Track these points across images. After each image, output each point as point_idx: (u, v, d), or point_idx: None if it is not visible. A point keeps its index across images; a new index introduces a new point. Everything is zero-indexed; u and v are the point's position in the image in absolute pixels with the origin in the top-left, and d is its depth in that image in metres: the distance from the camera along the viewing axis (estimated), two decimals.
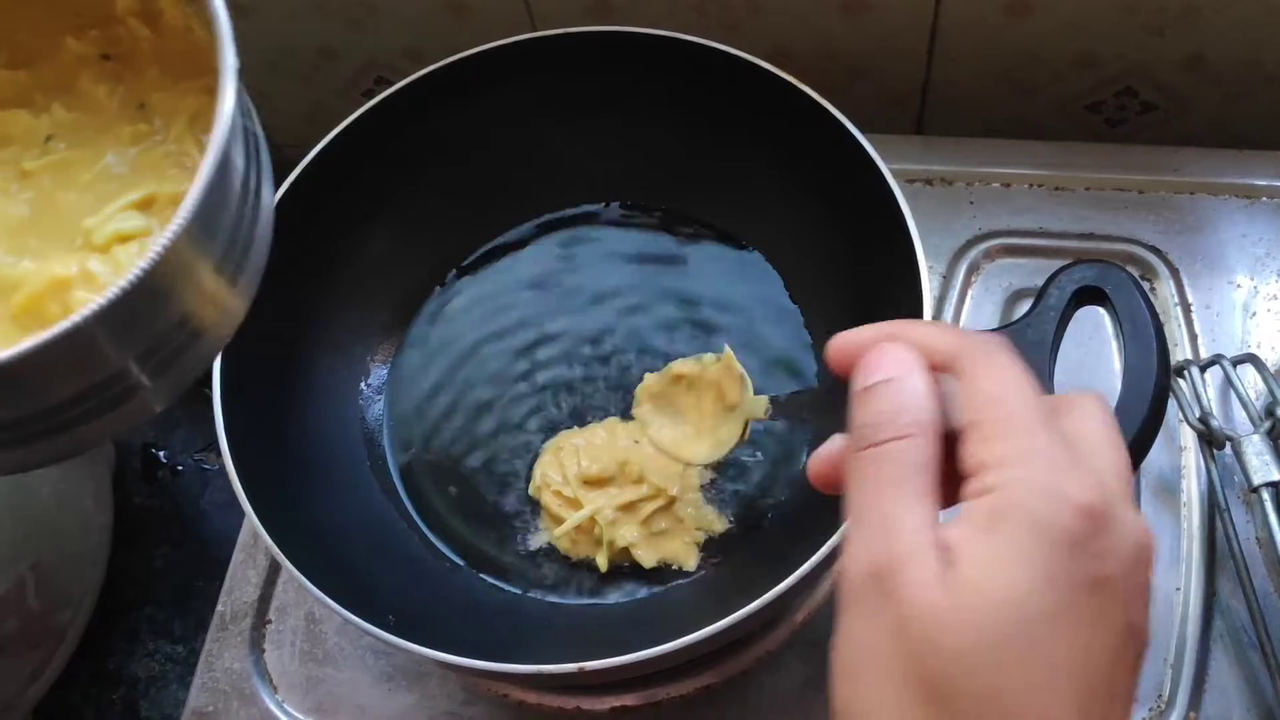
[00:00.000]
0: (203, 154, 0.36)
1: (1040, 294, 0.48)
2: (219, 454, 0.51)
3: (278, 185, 0.56)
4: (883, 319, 0.54)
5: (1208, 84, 0.69)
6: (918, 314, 0.49)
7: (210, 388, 0.52)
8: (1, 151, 0.43)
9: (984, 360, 0.31)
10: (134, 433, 0.74)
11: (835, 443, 0.35)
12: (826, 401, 0.58)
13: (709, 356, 0.54)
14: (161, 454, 0.74)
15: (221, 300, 0.36)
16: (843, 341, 0.34)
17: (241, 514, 0.64)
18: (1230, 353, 0.58)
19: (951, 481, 0.31)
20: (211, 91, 0.40)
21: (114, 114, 0.44)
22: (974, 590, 0.27)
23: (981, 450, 0.30)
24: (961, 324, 0.63)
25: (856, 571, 0.29)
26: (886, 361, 0.32)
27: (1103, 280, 0.47)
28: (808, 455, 0.57)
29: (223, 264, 0.35)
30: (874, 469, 0.30)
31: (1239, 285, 0.62)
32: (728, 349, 0.53)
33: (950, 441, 0.31)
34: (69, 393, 0.33)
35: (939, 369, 0.32)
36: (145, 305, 0.32)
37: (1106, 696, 0.28)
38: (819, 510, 0.53)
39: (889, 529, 0.29)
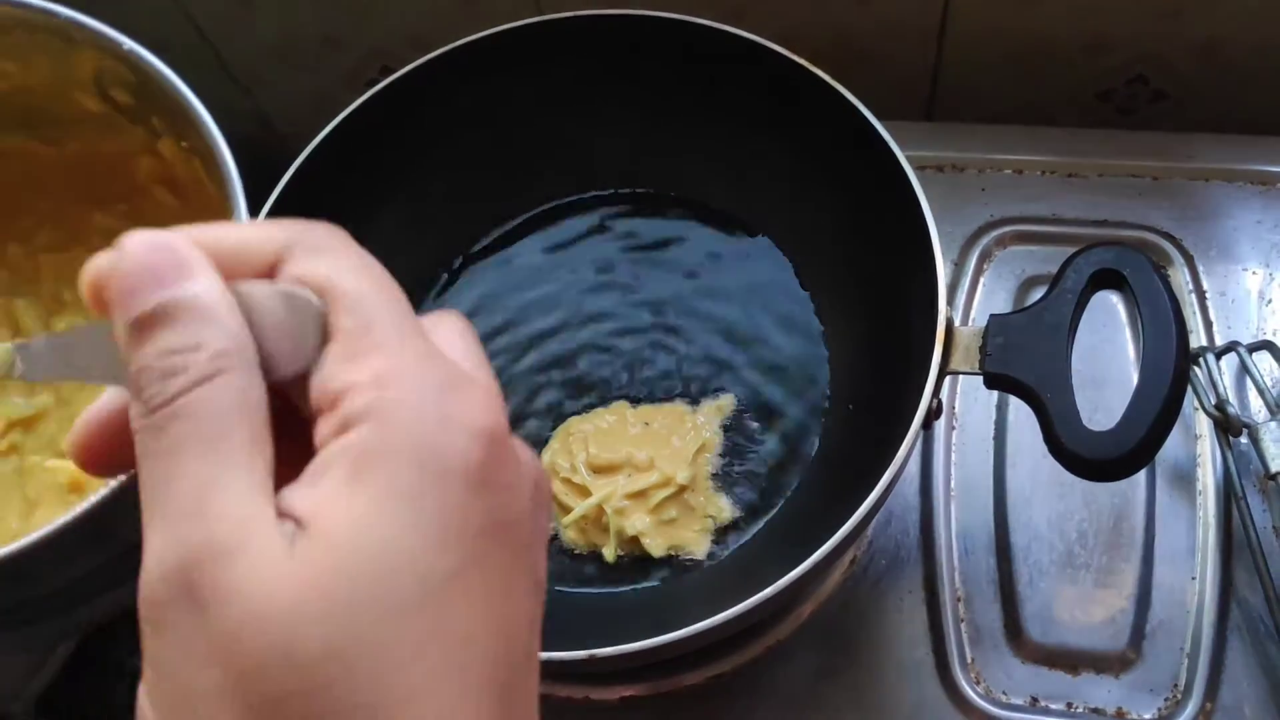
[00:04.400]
0: None
1: (1057, 277, 0.47)
2: None
3: (281, 175, 0.56)
4: (896, 305, 0.54)
5: (1221, 71, 0.68)
6: (933, 300, 0.48)
7: None
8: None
9: (327, 252, 0.23)
10: None
11: (111, 400, 0.24)
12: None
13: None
14: None
15: None
16: (102, 266, 0.23)
17: None
18: (1245, 340, 0.57)
19: (299, 442, 0.22)
20: None
21: None
22: (344, 559, 0.20)
23: (341, 371, 0.22)
24: (973, 313, 0.62)
25: (160, 578, 0.20)
26: (161, 270, 0.22)
27: (1120, 263, 0.46)
28: (819, 442, 0.57)
29: None
30: (173, 432, 0.21)
31: (1254, 272, 0.61)
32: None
33: (283, 392, 0.23)
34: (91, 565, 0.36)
35: (261, 274, 0.23)
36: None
37: (526, 670, 0.23)
38: (831, 498, 0.53)
39: (203, 509, 0.20)
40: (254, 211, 0.54)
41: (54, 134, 0.48)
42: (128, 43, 0.43)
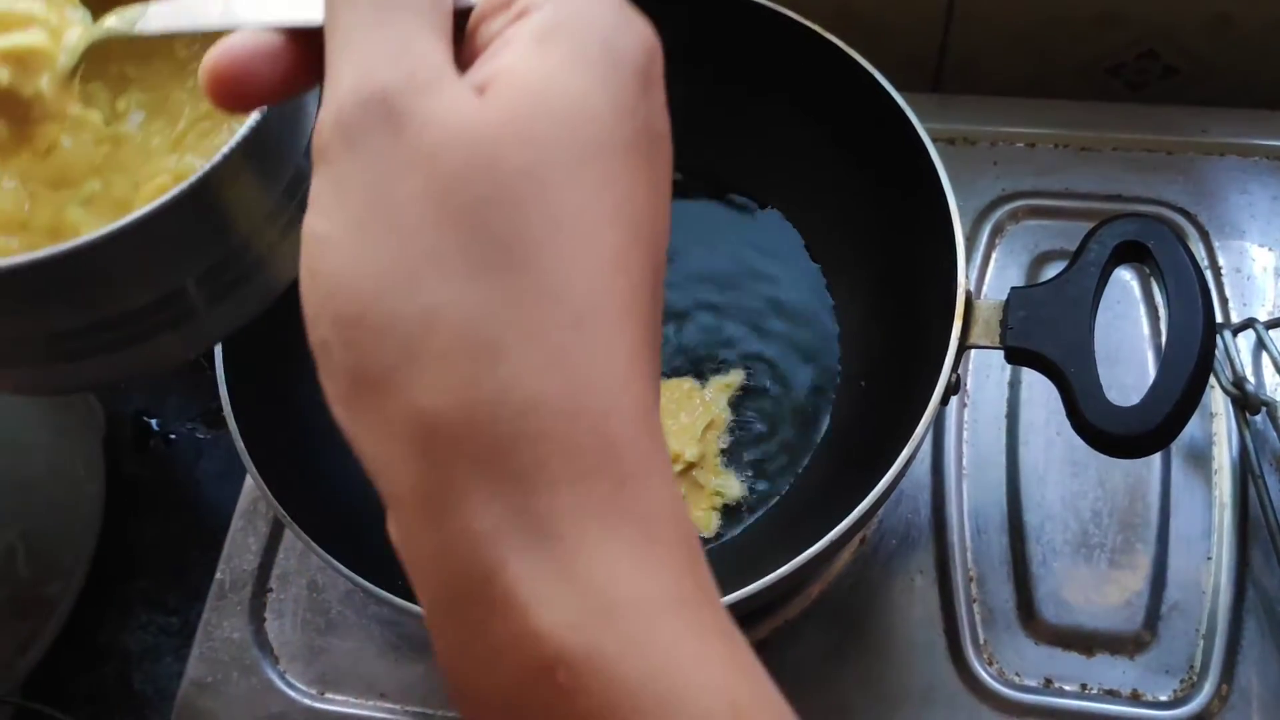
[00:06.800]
0: None
1: (1079, 249, 0.46)
2: (212, 423, 0.49)
3: None
4: (911, 278, 0.53)
5: (1231, 46, 0.67)
6: (951, 273, 0.47)
7: (210, 355, 0.51)
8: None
9: None
10: (124, 400, 0.72)
11: (246, 35, 0.24)
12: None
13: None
14: (154, 422, 0.71)
15: (277, 240, 0.36)
16: None
17: (236, 484, 0.63)
18: (1261, 316, 0.56)
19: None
20: None
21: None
22: (539, 101, 0.21)
23: None
24: (985, 287, 0.61)
25: (356, 104, 0.22)
26: None
27: (1144, 235, 0.45)
28: (830, 419, 0.56)
29: (281, 205, 0.35)
30: None
31: (1270, 249, 0.61)
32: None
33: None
34: (135, 302, 0.34)
35: None
36: (209, 211, 0.33)
37: (659, 292, 0.23)
38: (843, 476, 0.52)
39: (406, 51, 0.22)
40: None
41: None
42: None
